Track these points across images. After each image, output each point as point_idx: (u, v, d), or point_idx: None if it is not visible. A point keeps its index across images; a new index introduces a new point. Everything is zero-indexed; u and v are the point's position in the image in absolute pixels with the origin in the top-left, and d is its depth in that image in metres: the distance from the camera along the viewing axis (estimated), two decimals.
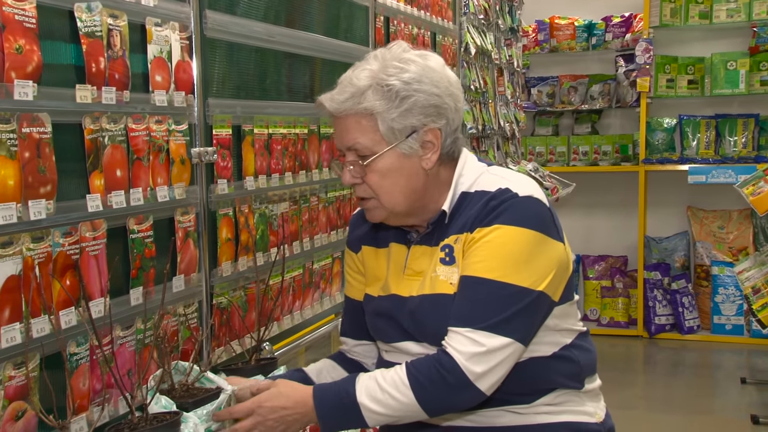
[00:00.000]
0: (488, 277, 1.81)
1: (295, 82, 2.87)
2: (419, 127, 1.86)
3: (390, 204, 1.90)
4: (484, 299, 1.81)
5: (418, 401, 1.79)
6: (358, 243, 2.11)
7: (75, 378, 1.81)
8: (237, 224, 2.45)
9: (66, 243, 1.78)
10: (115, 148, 1.94)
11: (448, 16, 4.50)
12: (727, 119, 6.67)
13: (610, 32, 6.96)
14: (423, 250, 1.96)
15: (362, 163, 1.86)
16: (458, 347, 1.78)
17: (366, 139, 1.86)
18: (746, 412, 4.93)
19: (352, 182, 1.91)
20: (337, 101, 1.87)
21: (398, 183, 1.88)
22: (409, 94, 1.84)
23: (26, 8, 1.68)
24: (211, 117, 2.33)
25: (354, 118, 1.86)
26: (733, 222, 6.64)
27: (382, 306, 2.01)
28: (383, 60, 1.88)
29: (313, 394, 1.83)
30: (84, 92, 1.84)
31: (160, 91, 2.11)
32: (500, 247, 1.82)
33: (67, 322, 1.78)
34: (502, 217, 1.83)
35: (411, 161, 1.88)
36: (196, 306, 2.28)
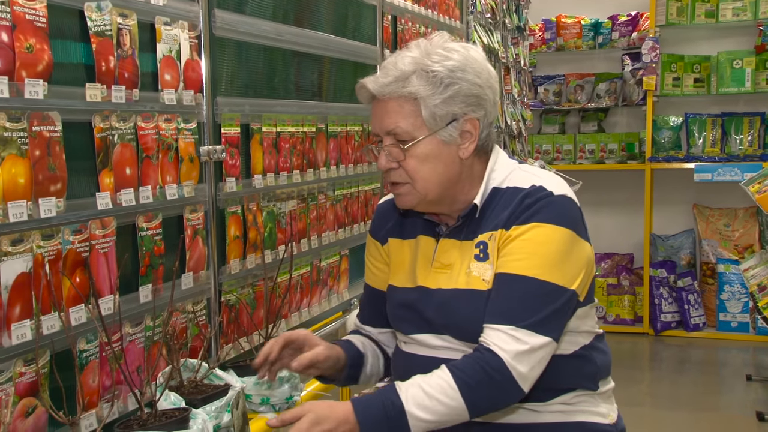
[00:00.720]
0: (527, 274, 1.81)
1: (303, 81, 2.87)
2: (460, 115, 1.86)
3: (424, 190, 1.89)
4: (524, 297, 1.81)
5: (465, 403, 1.76)
6: (386, 235, 2.09)
7: (85, 374, 1.81)
8: (245, 222, 2.45)
9: (76, 241, 1.79)
10: (125, 146, 1.94)
11: (456, 15, 4.49)
12: (733, 117, 6.65)
13: (616, 31, 6.95)
14: (452, 243, 1.95)
15: (403, 147, 1.85)
16: (503, 345, 1.77)
17: (407, 124, 1.85)
18: (752, 409, 4.91)
19: (388, 166, 1.89)
20: (381, 83, 1.85)
21: (435, 170, 1.88)
22: (453, 82, 1.84)
23: (37, 7, 1.68)
24: (220, 115, 2.33)
25: (397, 102, 1.85)
26: (738, 220, 6.62)
27: (408, 297, 1.99)
28: (426, 48, 1.88)
29: (355, 410, 1.74)
30: (94, 91, 1.84)
31: (170, 89, 2.11)
32: (539, 245, 1.82)
33: (77, 319, 1.78)
34: (538, 215, 1.83)
35: (449, 149, 1.88)
36: (205, 303, 2.28)
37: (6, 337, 1.60)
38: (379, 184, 3.47)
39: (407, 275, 2.02)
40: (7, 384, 1.61)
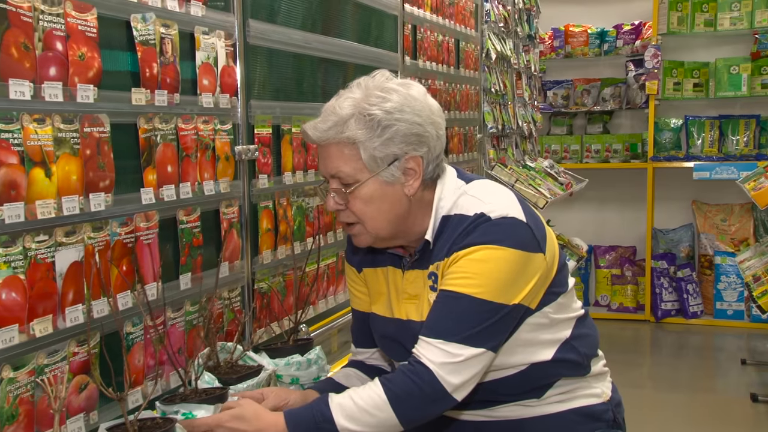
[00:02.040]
0: (465, 292, 1.72)
1: (330, 85, 2.88)
2: (401, 155, 1.76)
3: (374, 229, 1.81)
4: (460, 314, 1.73)
5: (396, 415, 1.70)
6: (359, 265, 2.02)
7: (131, 355, 1.84)
8: (276, 216, 2.46)
9: (122, 232, 1.81)
10: (167, 145, 1.96)
11: (471, 24, 4.49)
12: (730, 120, 6.61)
13: (621, 39, 6.91)
14: (416, 274, 1.88)
15: (345, 191, 1.77)
16: (433, 358, 1.70)
17: (348, 168, 1.76)
18: (746, 391, 4.89)
19: (335, 208, 1.82)
20: (320, 129, 1.77)
21: (381, 209, 1.79)
22: (391, 123, 1.74)
23: (88, 19, 1.71)
24: (253, 117, 2.35)
25: (337, 147, 1.76)
26: (735, 215, 6.59)
27: (387, 328, 1.94)
28: (366, 89, 1.79)
29: (286, 420, 1.70)
30: (139, 95, 1.86)
31: (207, 93, 2.13)
32: (479, 264, 1.73)
33: (124, 304, 1.81)
34: (479, 238, 1.74)
35: (393, 188, 1.78)
36: (239, 291, 2.30)
37: (61, 320, 1.63)
38: None
39: (385, 304, 1.96)
40: (62, 362, 1.64)
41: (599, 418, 1.93)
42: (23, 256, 1.54)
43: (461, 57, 4.32)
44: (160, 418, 1.71)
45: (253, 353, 2.08)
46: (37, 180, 1.57)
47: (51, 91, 1.61)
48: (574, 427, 1.90)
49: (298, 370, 2.19)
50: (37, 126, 1.57)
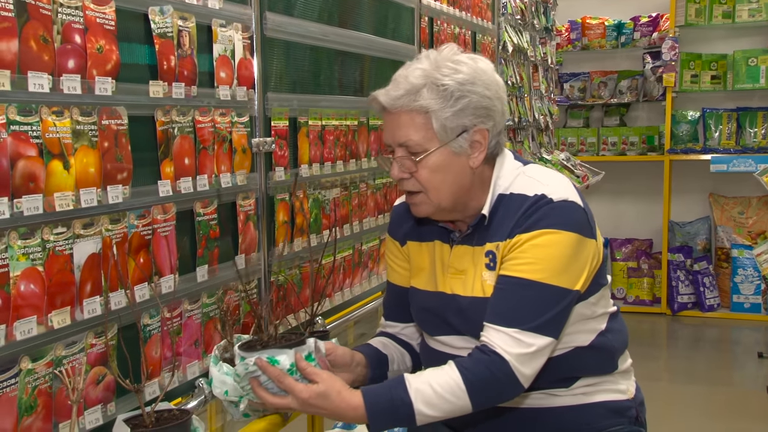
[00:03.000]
0: (532, 278, 1.76)
1: (347, 78, 2.87)
2: (470, 127, 1.80)
3: (437, 199, 1.84)
4: (529, 300, 1.75)
5: (471, 402, 1.73)
6: (404, 237, 2.04)
7: (148, 347, 1.83)
8: (293, 208, 2.45)
9: (140, 224, 1.81)
10: (184, 138, 1.96)
11: (488, 16, 4.46)
12: (747, 112, 6.55)
13: (638, 31, 6.86)
14: (465, 250, 1.90)
15: (415, 159, 1.80)
16: (508, 349, 1.73)
17: (419, 136, 1.79)
18: (763, 384, 4.86)
19: (400, 176, 1.84)
20: (392, 96, 1.80)
21: (446, 179, 1.82)
22: (464, 95, 1.78)
23: (106, 12, 1.70)
24: (270, 110, 2.34)
25: (408, 115, 1.79)
26: (752, 208, 6.53)
27: (429, 302, 1.96)
28: (435, 60, 1.82)
29: (365, 401, 1.72)
30: (156, 88, 1.86)
31: (224, 86, 2.12)
32: (543, 249, 1.76)
33: (141, 296, 1.80)
34: (541, 222, 1.77)
35: (459, 159, 1.82)
36: (256, 283, 2.30)
37: (79, 312, 1.63)
38: None
39: (427, 278, 1.98)
40: (80, 354, 1.64)
41: (623, 414, 1.94)
42: (41, 248, 1.54)
43: (478, 49, 4.29)
44: (177, 409, 1.71)
45: None
46: (56, 172, 1.57)
47: (69, 84, 1.60)
48: (599, 420, 1.90)
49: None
50: (55, 118, 1.57)
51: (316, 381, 1.74)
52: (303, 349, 1.79)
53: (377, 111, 1.89)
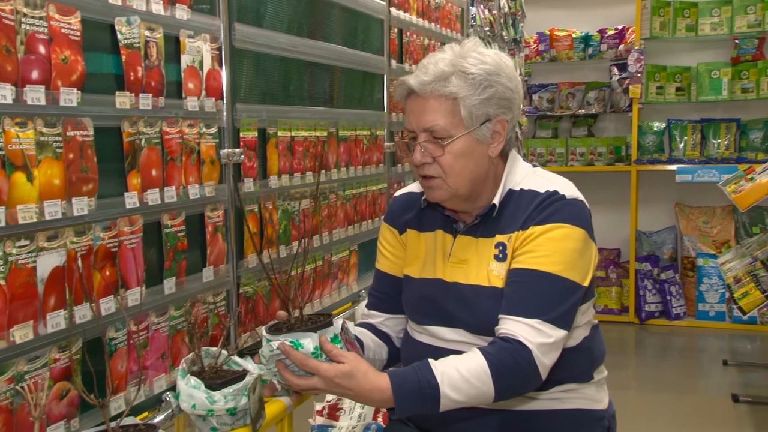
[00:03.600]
0: (549, 270, 1.79)
1: (316, 89, 2.85)
2: (493, 116, 1.85)
3: (455, 185, 1.86)
4: (547, 292, 1.78)
5: (495, 388, 1.73)
6: (404, 225, 2.05)
7: (114, 360, 1.80)
8: (262, 219, 2.43)
9: (106, 237, 1.78)
10: (151, 149, 1.93)
11: (457, 28, 4.47)
12: (711, 123, 6.62)
13: (604, 43, 6.91)
14: (468, 240, 1.92)
15: (443, 143, 1.82)
16: (530, 338, 1.74)
17: (446, 122, 1.82)
18: (728, 391, 4.90)
19: (423, 161, 1.86)
20: (422, 81, 1.82)
21: (467, 166, 1.85)
22: (491, 84, 1.83)
23: (72, 22, 1.67)
24: (239, 121, 2.31)
25: (437, 101, 1.82)
26: (716, 217, 6.60)
27: (425, 288, 1.96)
28: (460, 51, 1.86)
29: (392, 383, 1.70)
30: (123, 99, 1.83)
31: (193, 97, 2.10)
32: (558, 243, 1.80)
33: (107, 309, 1.77)
34: (555, 215, 1.82)
35: (481, 148, 1.86)
36: (225, 295, 2.27)
37: (42, 326, 1.59)
38: (386, 184, 3.45)
39: (423, 266, 1.98)
40: (43, 369, 1.60)
41: (596, 424, 1.96)
42: (3, 261, 1.51)
43: None
44: (143, 424, 1.67)
45: (238, 358, 2.05)
46: (19, 184, 1.53)
47: (33, 95, 1.57)
48: (572, 427, 1.90)
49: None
50: (18, 129, 1.54)
51: (342, 362, 1.71)
52: (329, 332, 1.76)
53: (401, 96, 1.90)
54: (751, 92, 6.45)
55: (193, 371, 1.91)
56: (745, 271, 4.40)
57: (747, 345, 6.04)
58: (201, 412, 1.80)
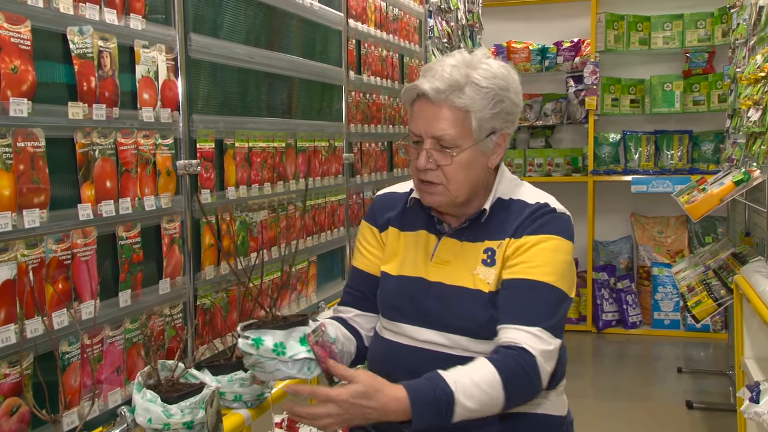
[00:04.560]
0: (544, 280, 1.82)
1: (274, 100, 2.84)
2: (498, 129, 1.88)
3: (456, 192, 1.88)
4: (543, 301, 1.82)
5: (504, 395, 1.72)
6: (386, 223, 2.05)
7: (67, 375, 1.76)
8: (220, 231, 2.41)
9: (59, 249, 1.74)
10: (105, 160, 1.90)
11: (415, 39, 4.48)
12: (664, 135, 6.73)
13: (561, 55, 6.99)
14: (452, 243, 1.94)
15: (451, 153, 1.84)
16: (533, 345, 1.76)
17: (456, 132, 1.83)
18: (682, 398, 4.96)
19: (427, 167, 1.87)
20: (436, 88, 1.82)
21: (469, 176, 1.88)
22: (502, 99, 1.85)
23: (21, 31, 1.64)
24: (195, 132, 2.29)
25: (450, 110, 1.83)
26: (671, 227, 6.69)
27: (403, 286, 1.96)
28: (471, 61, 1.86)
29: (408, 393, 1.67)
30: (76, 109, 1.80)
31: (148, 108, 2.07)
32: (551, 254, 1.84)
33: (60, 323, 1.73)
34: (548, 227, 1.86)
35: (483, 159, 1.89)
36: (181, 307, 2.24)
37: None
38: (345, 195, 3.44)
39: (402, 264, 1.99)
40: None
41: (557, 430, 1.99)
42: None
43: (406, 72, 4.31)
44: None
45: (195, 370, 2.02)
46: None
47: None
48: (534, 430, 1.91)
49: (242, 387, 2.13)
50: None
51: (352, 381, 1.68)
52: (297, 332, 1.76)
53: (409, 100, 1.90)
54: (702, 104, 6.57)
55: (149, 385, 1.88)
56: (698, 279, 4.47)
57: (701, 352, 6.13)
58: (157, 426, 1.77)
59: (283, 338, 1.76)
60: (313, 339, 1.77)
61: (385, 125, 3.94)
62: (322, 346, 1.79)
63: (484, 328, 1.86)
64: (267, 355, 1.76)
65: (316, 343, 1.77)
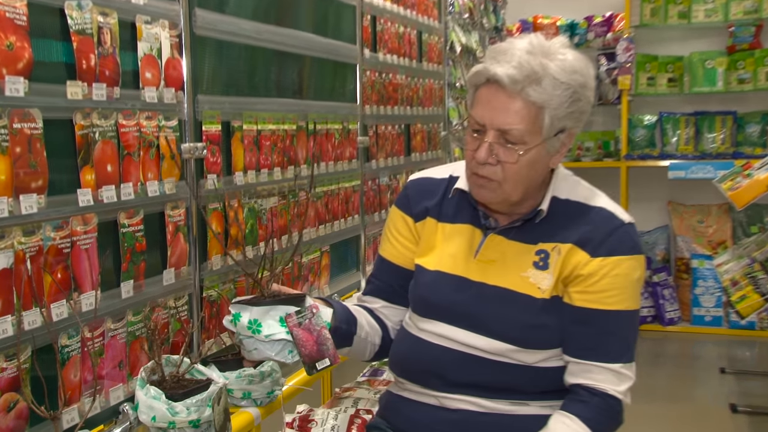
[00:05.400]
0: (621, 308, 1.87)
1: (284, 79, 2.86)
2: (567, 128, 1.85)
3: (511, 191, 1.85)
4: (624, 332, 1.89)
5: None
6: (423, 213, 2.02)
7: (66, 370, 1.79)
8: (227, 219, 2.43)
9: (57, 237, 1.77)
10: (106, 143, 1.93)
11: (434, 14, 4.49)
12: (705, 116, 6.68)
13: (591, 31, 6.96)
14: (500, 240, 1.93)
15: (519, 152, 1.79)
16: (618, 388, 1.88)
17: (526, 128, 1.79)
18: (725, 401, 4.94)
19: (486, 161, 1.82)
20: (513, 77, 1.76)
21: (529, 176, 1.84)
22: (579, 98, 1.82)
23: (17, 5, 1.66)
24: (201, 113, 2.31)
25: (523, 103, 1.78)
26: (712, 216, 6.66)
27: (442, 283, 1.95)
28: (547, 48, 1.82)
29: None
30: (75, 89, 1.83)
31: (150, 87, 2.09)
32: (627, 278, 1.87)
33: (59, 315, 1.76)
34: (622, 248, 1.87)
35: (546, 158, 1.86)
36: (187, 299, 2.27)
37: None
38: (359, 182, 3.46)
39: (440, 259, 1.97)
40: None
41: None
42: None
43: (424, 50, 4.32)
44: None
45: (201, 366, 2.05)
46: None
47: None
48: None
49: (251, 384, 2.16)
50: None
51: None
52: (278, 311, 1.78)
53: (476, 83, 1.86)
54: (747, 83, 6.51)
55: (153, 381, 1.91)
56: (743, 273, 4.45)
57: (745, 352, 6.10)
58: (161, 424, 1.81)
59: (260, 315, 1.77)
60: (294, 320, 1.77)
61: (402, 106, 3.95)
62: (308, 329, 1.78)
63: (532, 337, 1.88)
64: (243, 332, 1.78)
65: (299, 325, 1.77)
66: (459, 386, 1.91)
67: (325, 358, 1.78)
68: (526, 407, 1.92)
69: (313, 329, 1.78)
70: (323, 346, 1.78)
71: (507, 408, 1.91)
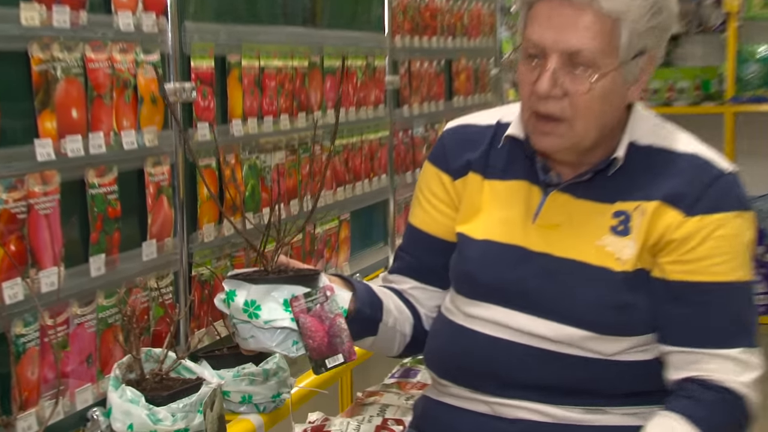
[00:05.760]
0: (732, 279, 1.84)
1: (293, 4, 2.85)
2: (648, 49, 1.85)
3: (583, 133, 1.83)
4: (740, 307, 1.87)
5: None
6: (464, 168, 2.01)
7: (22, 365, 1.81)
8: (222, 178, 2.45)
9: (10, 199, 1.78)
10: (70, 82, 1.94)
11: None
12: None
13: None
14: (565, 200, 1.91)
15: (591, 78, 1.78)
16: (740, 379, 1.82)
17: (599, 47, 1.77)
18: None
19: (552, 93, 1.80)
20: None
21: (604, 111, 1.83)
22: (661, 9, 1.81)
23: None
24: (189, 45, 2.32)
25: (594, 15, 1.76)
26: None
27: (493, 255, 1.94)
28: None
29: None
30: (30, 12, 1.83)
31: (125, 12, 2.10)
32: (737, 239, 1.85)
33: (12, 297, 1.78)
34: (726, 202, 1.86)
35: (623, 89, 1.85)
36: (172, 278, 2.29)
37: None
38: (388, 132, 3.46)
39: (489, 225, 1.97)
40: None
41: None
42: None
43: None
44: None
45: (190, 362, 2.08)
46: None
47: None
48: None
49: (252, 385, 2.18)
50: None
51: None
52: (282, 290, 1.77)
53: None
54: None
55: (130, 380, 1.94)
56: None
57: None
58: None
59: (259, 296, 1.76)
60: (303, 304, 1.76)
61: (442, 37, 3.94)
62: (319, 316, 1.77)
63: (612, 321, 1.86)
64: (238, 315, 1.77)
65: (308, 311, 1.76)
66: (518, 388, 1.90)
67: (337, 354, 1.77)
68: (604, 415, 1.91)
69: (325, 317, 1.77)
70: (336, 339, 1.77)
71: (580, 417, 1.90)
